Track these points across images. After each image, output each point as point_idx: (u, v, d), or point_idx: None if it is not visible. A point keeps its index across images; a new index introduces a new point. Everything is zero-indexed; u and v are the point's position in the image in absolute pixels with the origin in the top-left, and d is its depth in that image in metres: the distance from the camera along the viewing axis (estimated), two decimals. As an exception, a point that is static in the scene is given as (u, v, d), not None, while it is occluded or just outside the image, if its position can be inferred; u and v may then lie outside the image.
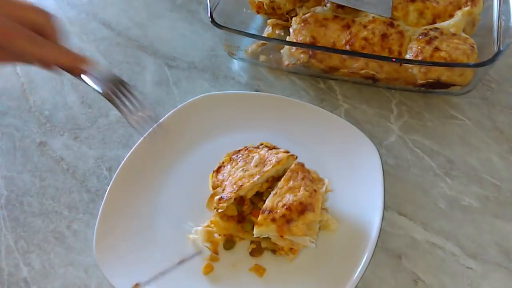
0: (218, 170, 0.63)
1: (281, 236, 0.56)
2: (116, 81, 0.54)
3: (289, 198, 0.57)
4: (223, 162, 0.63)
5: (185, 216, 0.64)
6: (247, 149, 0.64)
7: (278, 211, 0.56)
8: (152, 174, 0.68)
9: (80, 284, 0.62)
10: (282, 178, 0.59)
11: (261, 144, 0.65)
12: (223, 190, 0.60)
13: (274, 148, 0.64)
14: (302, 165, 0.60)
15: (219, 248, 0.61)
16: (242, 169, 0.61)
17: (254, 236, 0.57)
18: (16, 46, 0.46)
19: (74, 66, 0.50)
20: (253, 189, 0.60)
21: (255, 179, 0.59)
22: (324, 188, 0.60)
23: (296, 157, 0.62)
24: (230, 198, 0.58)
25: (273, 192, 0.59)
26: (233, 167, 0.62)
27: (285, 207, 0.56)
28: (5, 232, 0.67)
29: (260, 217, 0.56)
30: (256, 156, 0.62)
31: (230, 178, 0.61)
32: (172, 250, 0.61)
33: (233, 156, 0.63)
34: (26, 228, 0.67)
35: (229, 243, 0.61)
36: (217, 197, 0.59)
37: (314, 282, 0.57)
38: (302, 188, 0.57)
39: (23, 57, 0.49)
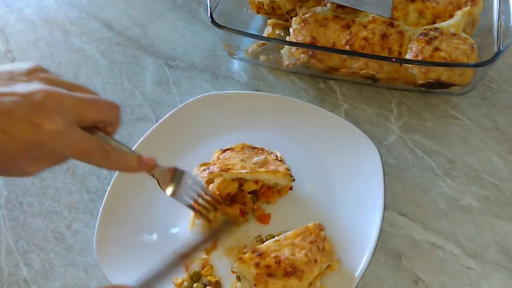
0: (224, 150, 0.64)
1: (255, 285, 0.52)
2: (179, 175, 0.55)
3: (285, 253, 0.53)
4: (234, 147, 0.64)
5: (185, 215, 0.64)
6: (262, 149, 0.65)
7: (267, 259, 0.53)
8: (152, 174, 0.68)
9: (80, 284, 0.62)
10: (293, 231, 0.56)
11: (273, 153, 0.65)
12: (214, 164, 0.61)
13: (282, 161, 0.64)
14: (321, 228, 0.57)
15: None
16: (242, 159, 0.61)
17: (232, 270, 0.55)
18: (92, 162, 0.44)
19: (141, 171, 0.50)
20: (236, 181, 0.60)
21: (243, 172, 0.59)
22: (327, 264, 0.55)
23: (294, 179, 0.62)
24: (211, 172, 0.59)
25: (277, 237, 0.56)
26: (237, 154, 0.63)
27: (276, 260, 0.53)
28: (5, 232, 0.67)
29: (247, 255, 0.54)
30: (262, 157, 0.62)
31: (227, 160, 0.61)
32: (172, 249, 0.61)
33: (245, 148, 0.64)
34: (26, 228, 0.67)
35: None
36: (203, 166, 0.60)
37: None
38: (303, 252, 0.54)
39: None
